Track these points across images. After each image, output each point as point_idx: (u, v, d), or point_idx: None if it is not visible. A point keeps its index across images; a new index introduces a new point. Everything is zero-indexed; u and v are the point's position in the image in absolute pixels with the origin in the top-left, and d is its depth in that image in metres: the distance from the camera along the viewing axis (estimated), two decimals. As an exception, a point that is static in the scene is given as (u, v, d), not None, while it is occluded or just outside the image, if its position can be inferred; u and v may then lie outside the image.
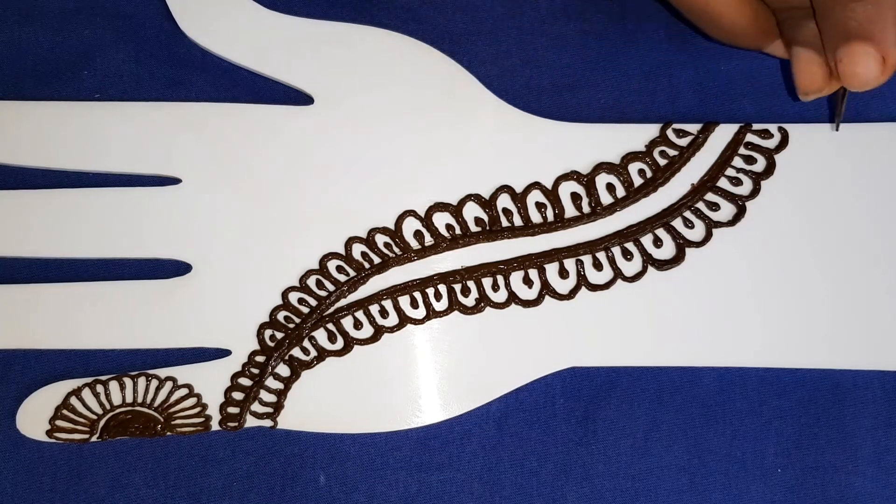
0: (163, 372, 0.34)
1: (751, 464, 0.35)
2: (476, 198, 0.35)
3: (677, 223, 0.35)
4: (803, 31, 0.32)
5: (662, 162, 0.35)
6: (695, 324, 0.35)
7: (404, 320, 0.35)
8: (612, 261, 0.35)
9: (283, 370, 0.34)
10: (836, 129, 0.35)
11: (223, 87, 0.37)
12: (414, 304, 0.35)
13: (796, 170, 0.35)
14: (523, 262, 0.35)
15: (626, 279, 0.35)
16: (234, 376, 0.34)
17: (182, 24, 0.35)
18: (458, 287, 0.35)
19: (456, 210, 0.35)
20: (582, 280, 0.35)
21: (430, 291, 0.35)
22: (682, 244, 0.35)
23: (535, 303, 0.35)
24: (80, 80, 0.37)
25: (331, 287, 0.35)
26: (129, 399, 0.34)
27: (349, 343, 0.35)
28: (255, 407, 0.34)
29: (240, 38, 0.35)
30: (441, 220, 0.35)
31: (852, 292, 0.35)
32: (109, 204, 0.35)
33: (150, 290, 0.35)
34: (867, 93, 0.36)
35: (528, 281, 0.35)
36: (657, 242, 0.35)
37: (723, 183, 0.35)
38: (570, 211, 0.35)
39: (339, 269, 0.35)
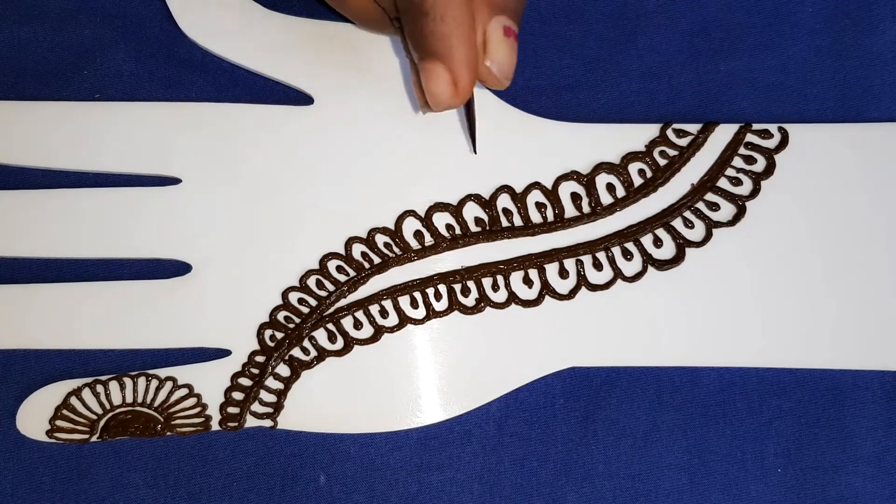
0: (163, 372, 0.34)
1: (751, 464, 0.35)
2: (476, 198, 0.35)
3: (677, 223, 0.35)
4: (405, 44, 0.31)
5: (662, 162, 0.35)
6: (695, 324, 0.35)
7: (404, 320, 0.35)
8: (612, 261, 0.35)
9: (283, 370, 0.34)
10: (475, 152, 0.34)
11: (223, 87, 0.37)
12: (414, 304, 0.35)
13: (796, 170, 0.35)
14: (523, 262, 0.35)
15: (626, 279, 0.35)
16: (235, 376, 0.34)
17: (182, 24, 0.35)
18: (458, 287, 0.35)
19: (456, 210, 0.35)
20: (582, 280, 0.35)
21: (430, 291, 0.35)
22: (682, 244, 0.35)
23: (535, 303, 0.35)
24: (80, 80, 0.37)
25: (331, 287, 0.35)
26: (129, 399, 0.34)
27: (349, 343, 0.35)
28: (255, 407, 0.34)
29: (240, 38, 0.35)
30: (441, 220, 0.35)
31: (852, 292, 0.35)
32: (109, 204, 0.35)
33: (150, 290, 0.35)
34: (865, 92, 0.37)
35: (528, 281, 0.35)
36: (657, 242, 0.35)
37: (723, 183, 0.35)
38: (570, 211, 0.35)
39: (339, 269, 0.35)
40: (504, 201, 0.35)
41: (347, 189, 0.35)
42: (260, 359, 0.34)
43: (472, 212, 0.35)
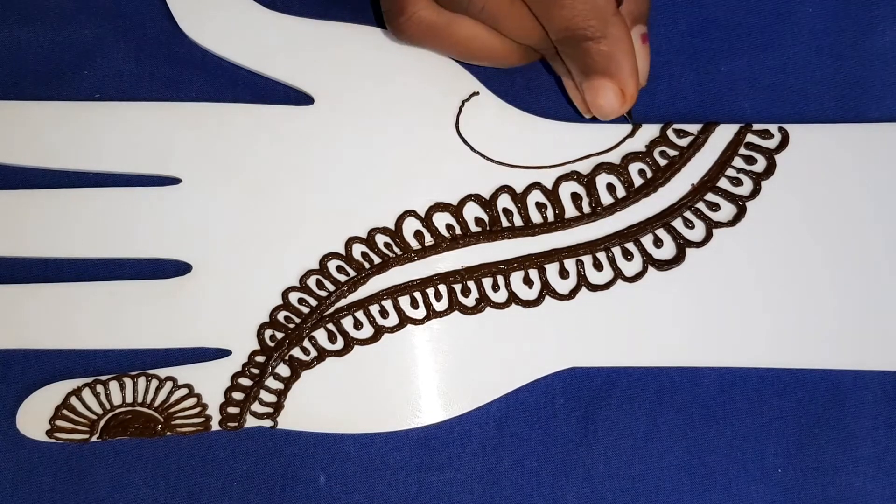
0: (163, 372, 0.34)
1: (751, 464, 0.35)
2: (476, 198, 0.35)
3: (677, 223, 0.35)
4: (561, 65, 0.34)
5: (663, 162, 0.35)
6: (695, 324, 0.35)
7: (404, 320, 0.35)
8: (612, 261, 0.35)
9: (284, 370, 0.34)
10: (631, 123, 0.35)
11: (223, 87, 0.37)
12: (414, 304, 0.35)
13: (796, 170, 0.35)
14: (523, 262, 0.35)
15: (626, 279, 0.35)
16: (235, 376, 0.34)
17: (182, 24, 0.35)
18: (458, 287, 0.35)
19: (456, 210, 0.35)
20: (582, 280, 0.35)
21: (431, 291, 0.35)
22: (683, 244, 0.35)
23: (535, 303, 0.35)
24: (80, 80, 0.37)
25: (331, 287, 0.35)
26: (129, 399, 0.34)
27: (349, 343, 0.35)
28: (256, 407, 0.34)
29: (240, 38, 0.35)
30: (441, 220, 0.35)
31: (852, 292, 0.35)
32: (109, 204, 0.35)
33: (150, 290, 0.35)
34: (865, 92, 0.37)
35: (528, 281, 0.35)
36: (657, 242, 0.35)
37: (723, 183, 0.35)
38: (570, 211, 0.35)
39: (340, 269, 0.35)
40: (504, 201, 0.35)
41: (347, 189, 0.35)
42: (260, 359, 0.34)
43: (472, 212, 0.35)
